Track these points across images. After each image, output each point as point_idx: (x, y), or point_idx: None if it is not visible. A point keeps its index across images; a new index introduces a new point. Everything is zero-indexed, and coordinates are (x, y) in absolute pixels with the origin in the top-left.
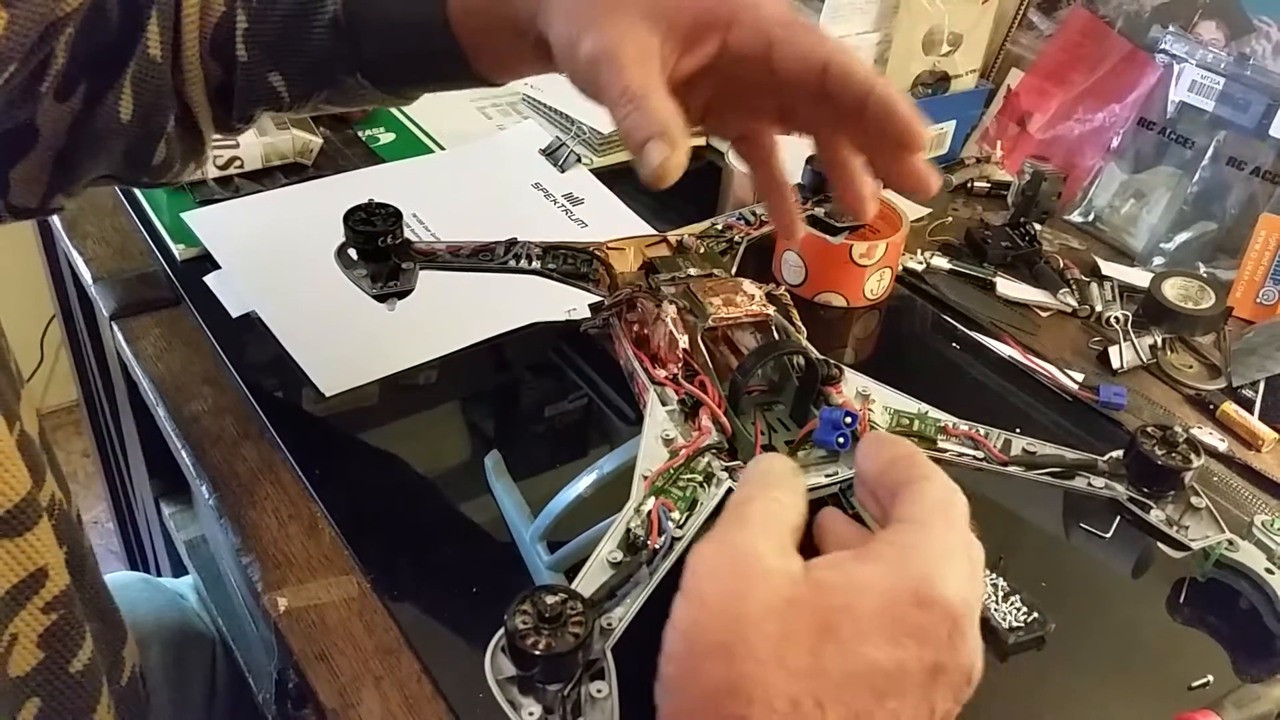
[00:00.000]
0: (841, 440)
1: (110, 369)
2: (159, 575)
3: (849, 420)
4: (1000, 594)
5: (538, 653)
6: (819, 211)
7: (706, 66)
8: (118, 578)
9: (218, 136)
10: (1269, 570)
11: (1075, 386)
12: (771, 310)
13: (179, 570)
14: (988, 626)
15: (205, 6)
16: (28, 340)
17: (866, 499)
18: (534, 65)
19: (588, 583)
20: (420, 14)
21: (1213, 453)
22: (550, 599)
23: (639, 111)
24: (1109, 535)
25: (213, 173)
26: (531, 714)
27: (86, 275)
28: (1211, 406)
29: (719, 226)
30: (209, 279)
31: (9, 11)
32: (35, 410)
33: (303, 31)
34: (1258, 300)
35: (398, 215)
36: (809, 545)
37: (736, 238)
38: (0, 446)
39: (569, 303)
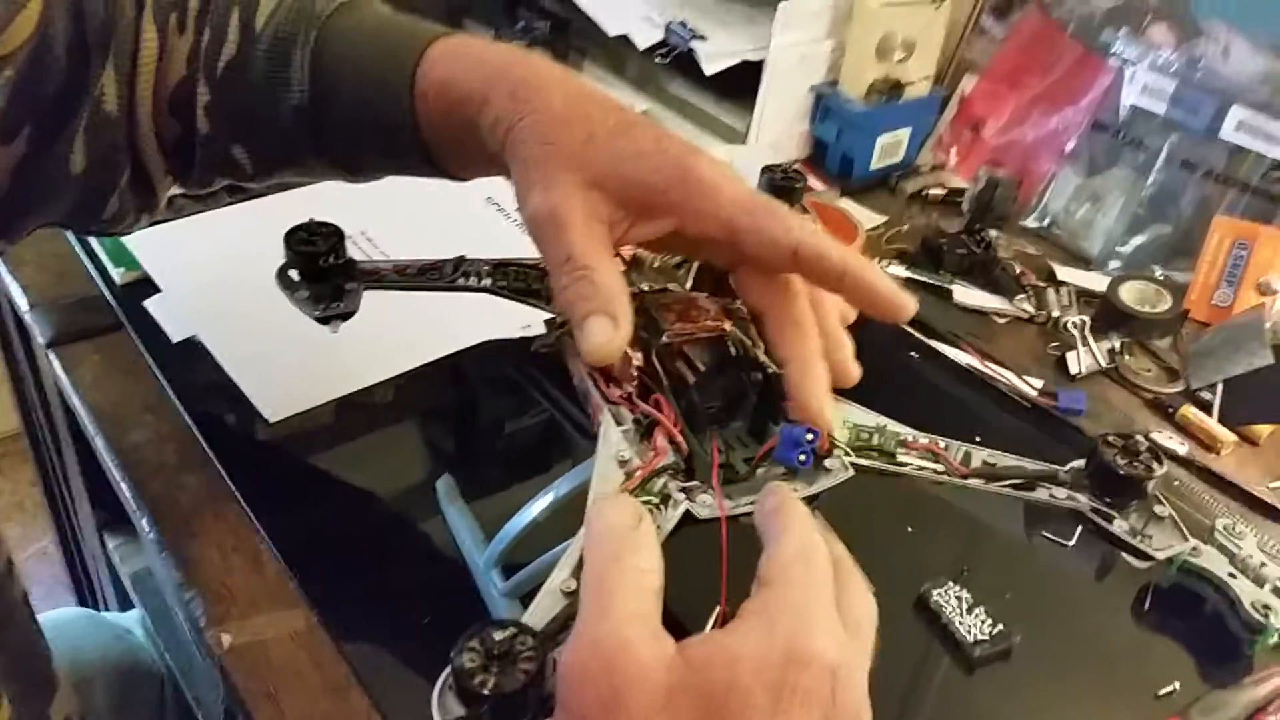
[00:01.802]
0: (803, 458)
1: (49, 398)
2: (106, 609)
3: (810, 438)
4: (965, 606)
5: (486, 692)
6: None
7: (668, 235)
8: (62, 614)
9: (178, 191)
10: (1231, 575)
11: (1034, 393)
12: (728, 325)
13: (125, 603)
14: (953, 640)
15: (163, 65)
16: None
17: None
18: (501, 175)
19: (540, 614)
20: (387, 115)
21: (1173, 457)
22: (499, 635)
23: (582, 283)
24: (1071, 543)
25: None
26: None
27: (22, 303)
28: (1170, 410)
29: None
30: (149, 303)
31: None
32: None
33: (267, 114)
34: (1213, 302)
35: (339, 235)
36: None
37: None
38: None
39: (523, 319)
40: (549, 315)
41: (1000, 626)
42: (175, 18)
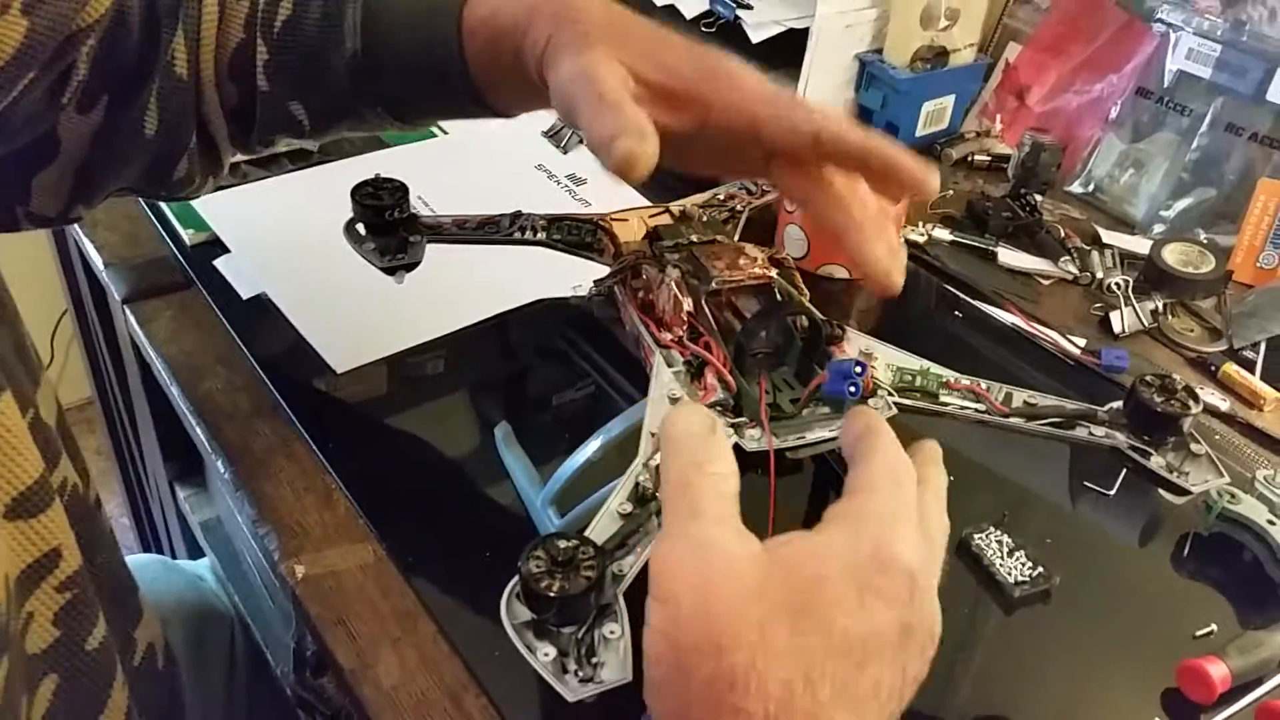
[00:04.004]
0: (853, 389)
1: (123, 355)
2: (175, 559)
3: (859, 370)
4: (1005, 550)
5: (552, 595)
6: None
7: (694, 133)
8: (137, 559)
9: (240, 156)
10: (1270, 522)
11: (1078, 351)
12: (774, 273)
13: (195, 554)
14: (993, 581)
15: (223, 30)
16: (39, 338)
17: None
18: (546, 104)
19: (599, 533)
20: (437, 58)
21: (1215, 412)
22: (563, 544)
23: (610, 113)
24: (1112, 493)
25: None
26: (547, 655)
27: (98, 261)
28: (1213, 368)
29: (721, 196)
30: (219, 262)
31: (29, 20)
32: (55, 397)
33: (322, 68)
34: (1258, 264)
35: (404, 189)
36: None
37: (739, 206)
38: (13, 431)
39: (575, 280)
40: (599, 276)
41: (1040, 569)
42: None
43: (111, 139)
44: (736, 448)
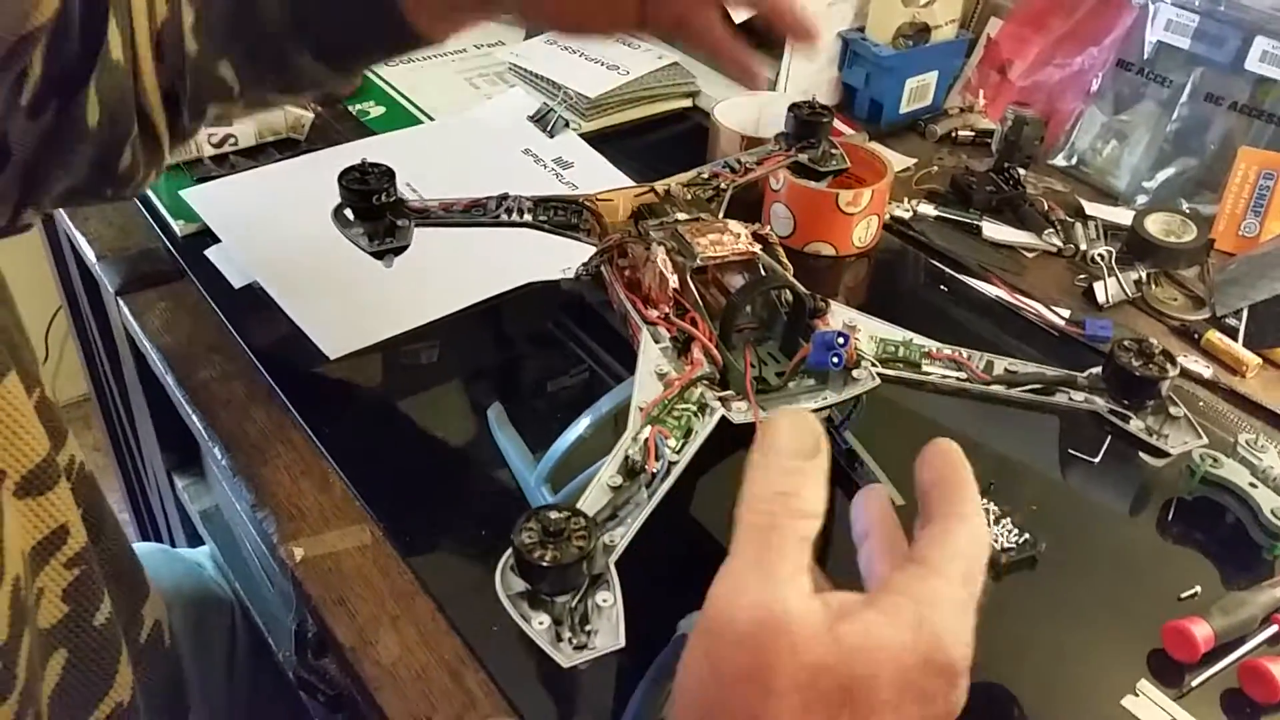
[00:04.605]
0: (835, 360)
1: (118, 346)
2: (174, 548)
3: (841, 340)
4: (992, 517)
5: (545, 565)
6: (803, 158)
7: None
8: (137, 548)
9: (177, 143)
10: (1252, 485)
11: (1062, 322)
12: (758, 249)
13: (195, 543)
14: None
15: (150, 8)
16: (34, 336)
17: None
18: (472, 14)
19: (590, 504)
20: None
21: (1199, 379)
22: (554, 515)
23: None
24: (1097, 460)
25: (208, 151)
26: (542, 624)
27: (90, 255)
28: (1196, 336)
29: (705, 175)
30: (210, 252)
31: None
32: (52, 382)
33: (249, 13)
34: (1239, 232)
35: (391, 174)
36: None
37: (723, 185)
38: (21, 410)
39: (564, 263)
40: (585, 258)
41: (1026, 536)
42: None
43: (57, 136)
44: (723, 420)
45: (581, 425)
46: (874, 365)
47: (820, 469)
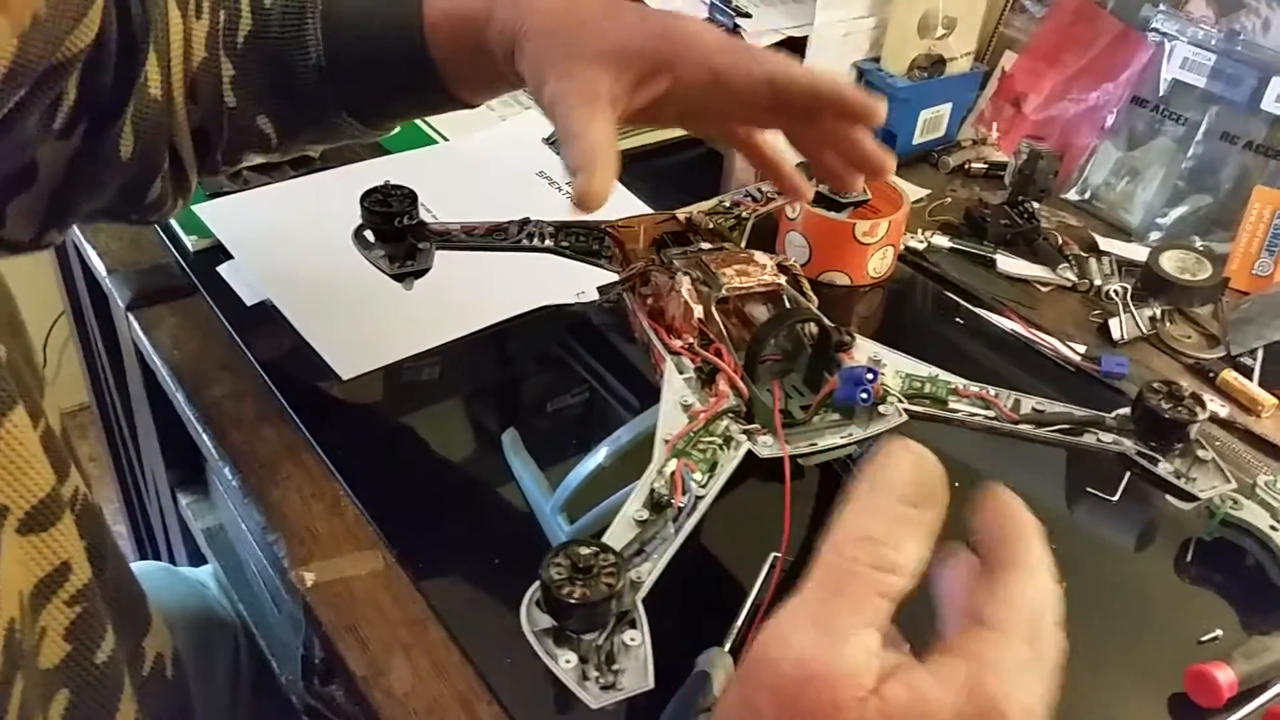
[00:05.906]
0: (864, 396)
1: (124, 361)
2: (176, 566)
3: (870, 376)
4: None
5: (573, 601)
6: (823, 188)
7: (665, 94)
8: (139, 567)
9: (205, 177)
10: (1273, 527)
11: (1078, 358)
12: (783, 280)
13: (196, 561)
14: None
15: (186, 51)
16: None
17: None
18: (509, 88)
19: (615, 539)
20: (402, 55)
21: (1214, 419)
22: (584, 550)
23: (573, 146)
24: (1115, 499)
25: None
26: (568, 662)
27: (101, 268)
28: (1211, 374)
29: (727, 203)
30: (223, 269)
31: (19, 40)
32: (58, 406)
33: (289, 78)
34: (1253, 271)
35: (413, 196)
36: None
37: (744, 214)
38: (25, 444)
39: (578, 287)
40: (602, 284)
41: None
42: (193, 3)
43: (88, 163)
44: (749, 455)
45: (600, 455)
46: (900, 401)
47: (930, 524)
